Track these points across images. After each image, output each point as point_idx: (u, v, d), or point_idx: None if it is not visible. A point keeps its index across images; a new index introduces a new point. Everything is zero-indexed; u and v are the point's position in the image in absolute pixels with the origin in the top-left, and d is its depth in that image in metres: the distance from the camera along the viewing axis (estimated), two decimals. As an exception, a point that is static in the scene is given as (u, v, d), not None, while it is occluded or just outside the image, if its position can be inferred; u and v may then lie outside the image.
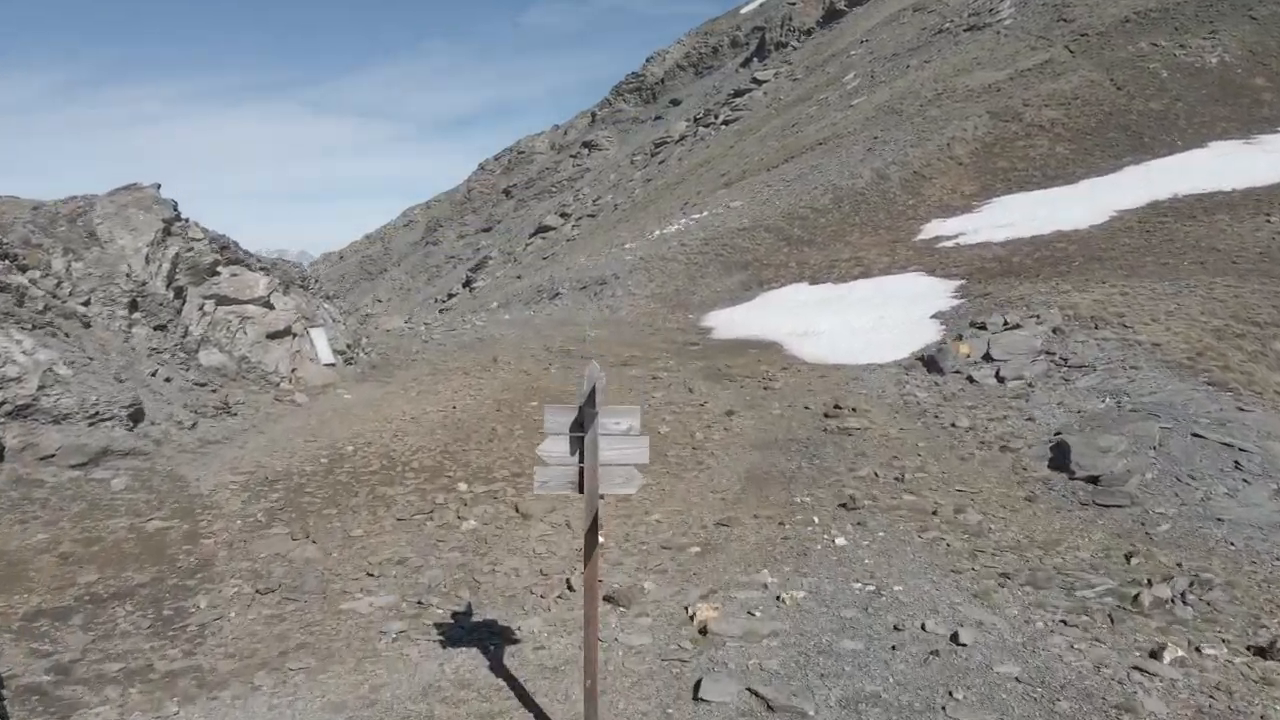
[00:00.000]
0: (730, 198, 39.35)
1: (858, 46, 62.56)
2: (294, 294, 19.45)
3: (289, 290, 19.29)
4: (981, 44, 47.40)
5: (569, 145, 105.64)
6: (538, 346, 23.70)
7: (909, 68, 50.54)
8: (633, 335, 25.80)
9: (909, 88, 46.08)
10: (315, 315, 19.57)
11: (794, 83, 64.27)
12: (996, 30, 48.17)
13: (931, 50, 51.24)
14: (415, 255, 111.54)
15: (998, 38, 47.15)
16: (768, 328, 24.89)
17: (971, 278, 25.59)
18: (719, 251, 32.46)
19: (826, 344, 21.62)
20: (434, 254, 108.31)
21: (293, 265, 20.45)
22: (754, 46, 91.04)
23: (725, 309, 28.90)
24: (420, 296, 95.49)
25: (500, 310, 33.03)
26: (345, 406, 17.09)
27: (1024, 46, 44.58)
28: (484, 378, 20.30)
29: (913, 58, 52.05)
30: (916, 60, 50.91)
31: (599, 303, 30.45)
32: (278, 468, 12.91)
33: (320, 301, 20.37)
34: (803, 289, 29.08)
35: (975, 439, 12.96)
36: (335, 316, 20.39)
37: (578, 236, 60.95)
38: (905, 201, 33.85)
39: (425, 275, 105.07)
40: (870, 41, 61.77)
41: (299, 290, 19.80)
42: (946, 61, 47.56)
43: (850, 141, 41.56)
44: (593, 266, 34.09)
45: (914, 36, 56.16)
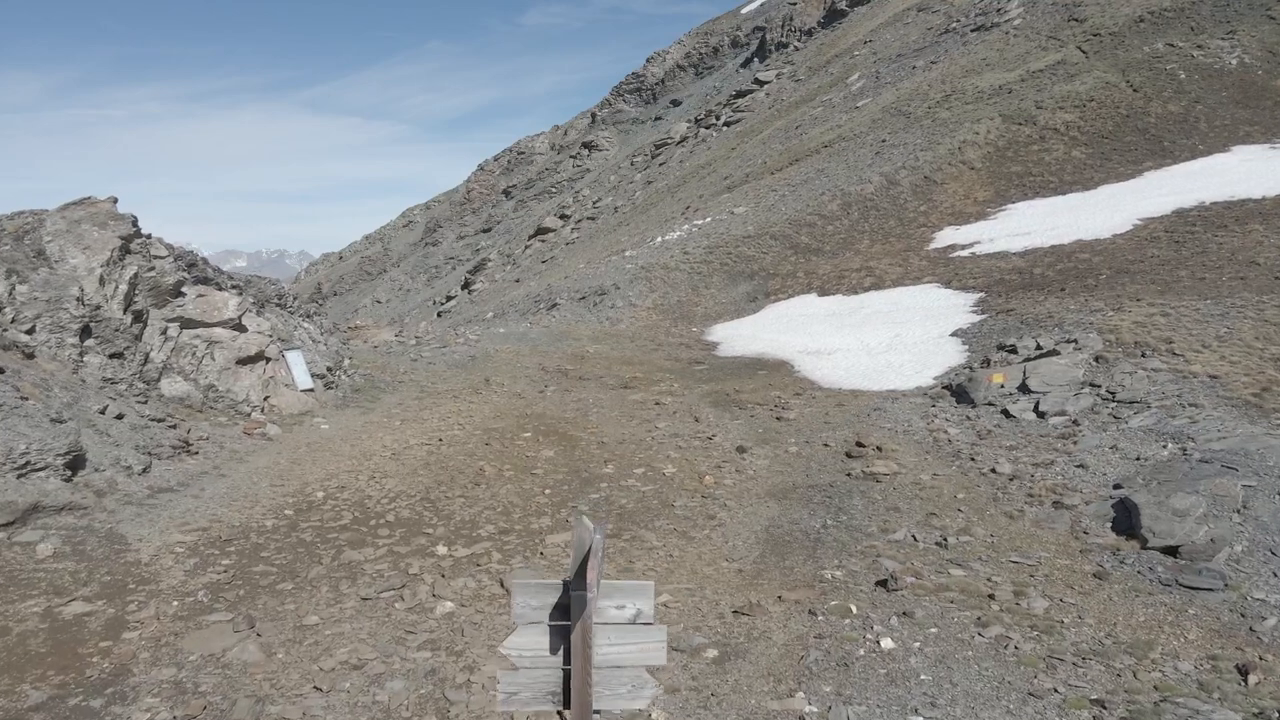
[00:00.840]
0: (734, 203, 37.66)
1: (861, 47, 60.85)
2: (269, 314, 17.77)
3: (263, 310, 17.61)
4: (990, 44, 45.70)
5: (569, 146, 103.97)
6: (533, 365, 22.04)
7: (915, 69, 48.84)
8: (634, 351, 24.16)
9: (916, 89, 44.38)
10: (292, 337, 17.89)
11: (796, 83, 62.56)
12: (1005, 30, 46.45)
13: (938, 51, 49.53)
14: (415, 256, 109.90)
15: (1006, 38, 45.44)
16: (777, 345, 23.24)
17: (990, 291, 23.95)
18: (723, 260, 30.79)
19: (841, 365, 19.95)
20: (433, 255, 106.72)
21: (268, 282, 18.75)
22: (754, 47, 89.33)
23: (731, 322, 27.25)
24: (419, 298, 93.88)
25: (495, 321, 31.36)
26: (321, 440, 15.42)
27: (1034, 47, 42.87)
28: (474, 402, 18.65)
29: (919, 58, 50.34)
30: (923, 61, 49.21)
31: (598, 314, 28.78)
32: (235, 522, 11.24)
33: (299, 321, 18.69)
34: (812, 301, 27.43)
35: (1021, 490, 11.30)
36: (315, 337, 18.71)
37: (577, 240, 59.26)
38: (916, 208, 32.18)
39: (425, 276, 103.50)
40: (874, 42, 60.05)
41: (275, 310, 18.11)
42: (954, 62, 45.86)
43: (857, 144, 39.88)
44: (592, 275, 32.42)
45: (919, 37, 54.44)
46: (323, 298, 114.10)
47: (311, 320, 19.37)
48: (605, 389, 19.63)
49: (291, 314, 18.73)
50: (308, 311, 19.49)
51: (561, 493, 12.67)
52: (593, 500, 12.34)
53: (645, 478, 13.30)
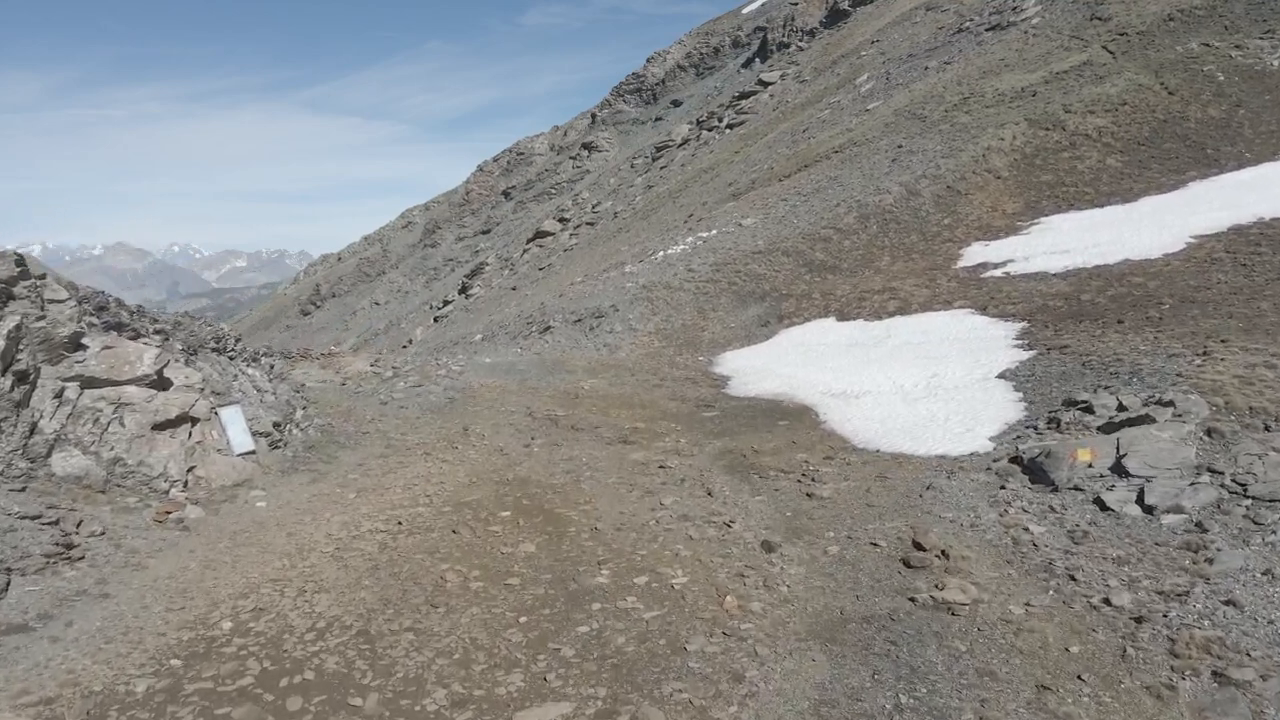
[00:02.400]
0: (741, 213, 34.43)
1: (868, 47, 57.54)
2: (203, 363, 14.59)
3: (194, 359, 14.43)
4: (1007, 44, 42.42)
5: (569, 146, 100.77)
6: (519, 408, 18.85)
7: (928, 69, 45.56)
8: (634, 387, 20.96)
9: (930, 91, 41.11)
10: (230, 389, 14.70)
11: (801, 84, 59.25)
12: (1023, 30, 43.17)
13: (951, 51, 46.25)
14: (414, 257, 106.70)
15: (1025, 37, 42.16)
16: (796, 382, 20.04)
17: (1035, 320, 20.77)
18: (731, 279, 27.57)
19: (874, 415, 16.74)
20: (432, 256, 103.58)
21: (203, 324, 15.49)
22: (756, 47, 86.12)
23: (741, 350, 24.06)
24: (418, 300, 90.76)
25: (483, 344, 28.18)
26: (252, 525, 12.25)
27: (1056, 47, 39.59)
28: (449, 461, 15.49)
29: (931, 59, 47.06)
30: (935, 62, 45.93)
31: (595, 340, 25.58)
32: (96, 685, 8.12)
33: (240, 368, 15.49)
34: (830, 327, 24.23)
35: (1159, 644, 8.14)
36: (260, 385, 15.52)
37: (575, 247, 56.04)
38: (940, 221, 28.96)
39: (423, 278, 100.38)
40: (882, 42, 56.74)
41: (210, 357, 14.92)
42: (970, 63, 42.58)
43: (871, 150, 36.63)
44: (589, 294, 29.21)
45: (930, 36, 51.14)
46: (321, 299, 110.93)
47: (257, 364, 16.17)
48: (601, 443, 16.44)
49: (232, 359, 15.53)
50: (254, 354, 16.29)
51: (540, 623, 9.49)
52: (581, 638, 9.17)
53: (649, 593, 10.12)
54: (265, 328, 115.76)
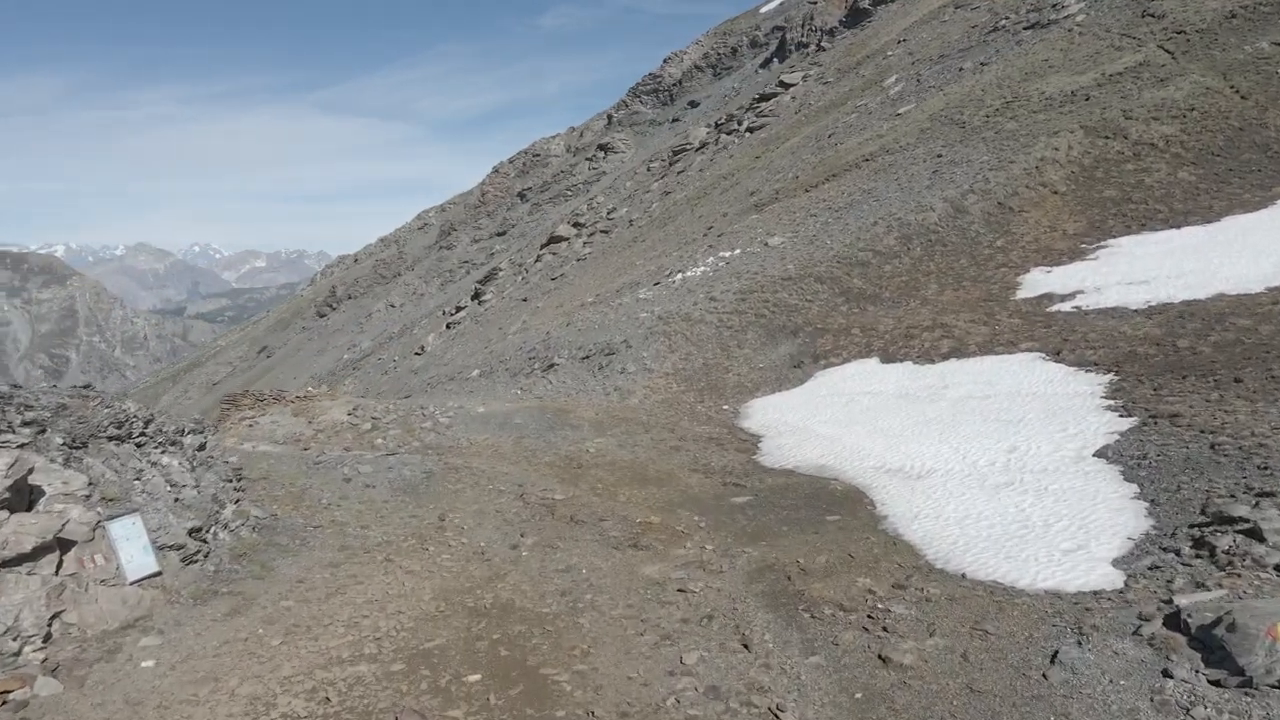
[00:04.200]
0: (767, 230, 30.61)
1: (895, 47, 53.44)
2: (92, 459, 11.01)
3: (80, 455, 10.85)
4: (1050, 44, 38.31)
5: (585, 148, 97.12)
6: (509, 486, 15.16)
7: (962, 71, 41.51)
8: (648, 451, 17.25)
9: (967, 94, 37.10)
10: (130, 491, 11.12)
11: (825, 86, 55.21)
12: (1066, 28, 39.04)
13: (987, 51, 42.16)
14: (429, 259, 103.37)
15: (1070, 36, 38.04)
16: (840, 449, 16.27)
17: (1123, 371, 16.92)
18: (759, 310, 23.78)
19: (948, 509, 12.95)
20: (447, 258, 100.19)
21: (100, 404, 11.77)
22: (774, 47, 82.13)
23: (772, 397, 20.31)
24: (432, 303, 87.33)
25: (481, 380, 24.54)
26: (124, 708, 8.69)
27: (1105, 46, 35.50)
28: (414, 573, 11.88)
29: (965, 59, 42.99)
30: (970, 63, 41.86)
31: (604, 382, 21.88)
32: None
33: (151, 457, 11.87)
34: (874, 370, 20.43)
35: None
36: (178, 478, 11.93)
37: (589, 256, 52.30)
38: (992, 242, 25.07)
39: (438, 280, 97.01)
40: (909, 41, 52.64)
41: (106, 449, 11.33)
42: (1009, 64, 38.51)
43: (907, 159, 32.71)
44: (599, 324, 25.47)
45: (962, 36, 47.03)
46: (337, 301, 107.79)
47: (177, 448, 12.54)
48: (606, 547, 12.74)
49: (140, 446, 11.91)
50: (172, 435, 12.66)
51: None
52: None
53: None
54: (282, 329, 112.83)
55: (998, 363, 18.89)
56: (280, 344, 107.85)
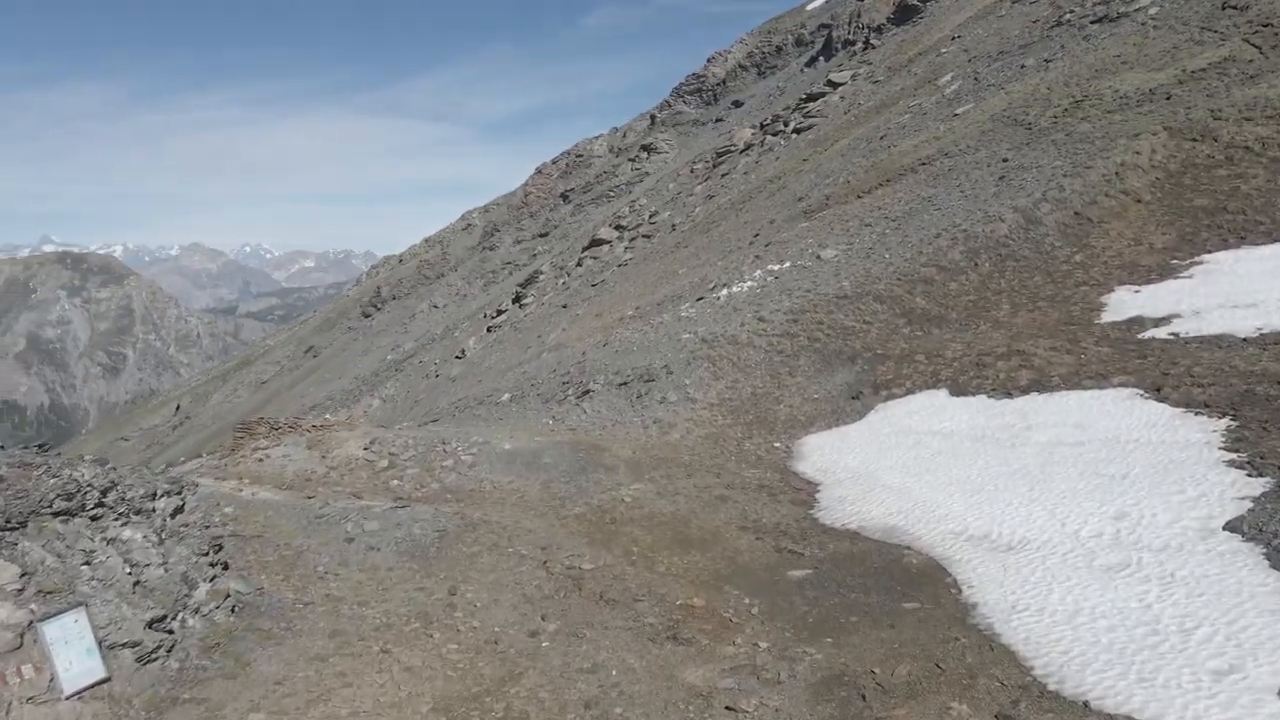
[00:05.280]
0: (818, 240, 28.19)
1: (949, 43, 50.48)
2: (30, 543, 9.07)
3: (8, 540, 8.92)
4: (1122, 38, 35.31)
5: (627, 148, 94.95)
6: (532, 550, 13.03)
7: (1024, 69, 38.59)
8: (690, 503, 15.04)
9: (1032, 93, 34.27)
10: (75, 580, 9.18)
11: (875, 85, 52.39)
12: (1139, 21, 35.98)
13: (1051, 47, 39.18)
14: (472, 260, 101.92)
15: (1143, 30, 35.00)
16: (912, 505, 13.92)
17: (1241, 414, 14.34)
18: (812, 333, 21.41)
19: (1053, 598, 10.55)
20: (490, 259, 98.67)
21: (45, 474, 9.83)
22: (819, 45, 79.13)
23: (828, 434, 17.97)
24: (475, 304, 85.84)
25: (512, 406, 22.45)
26: None
27: (1184, 40, 32.45)
28: (413, 670, 9.83)
29: (1026, 56, 40.04)
30: (1033, 59, 38.91)
31: (643, 413, 19.70)
32: None
33: (109, 532, 9.93)
34: (943, 404, 18.00)
35: None
36: (141, 555, 9.96)
37: (630, 262, 50.13)
38: (1069, 257, 22.45)
39: (481, 281, 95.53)
40: (964, 38, 49.64)
41: (49, 528, 9.39)
42: (1077, 60, 35.58)
43: (968, 163, 30.07)
44: (637, 344, 23.26)
45: (1022, 31, 44.01)
46: (382, 301, 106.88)
47: (144, 517, 10.57)
48: (640, 639, 10.56)
49: (96, 519, 9.97)
50: (143, 498, 10.70)
51: None
52: None
53: None
54: (329, 329, 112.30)
55: (1088, 400, 16.37)
56: (326, 344, 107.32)
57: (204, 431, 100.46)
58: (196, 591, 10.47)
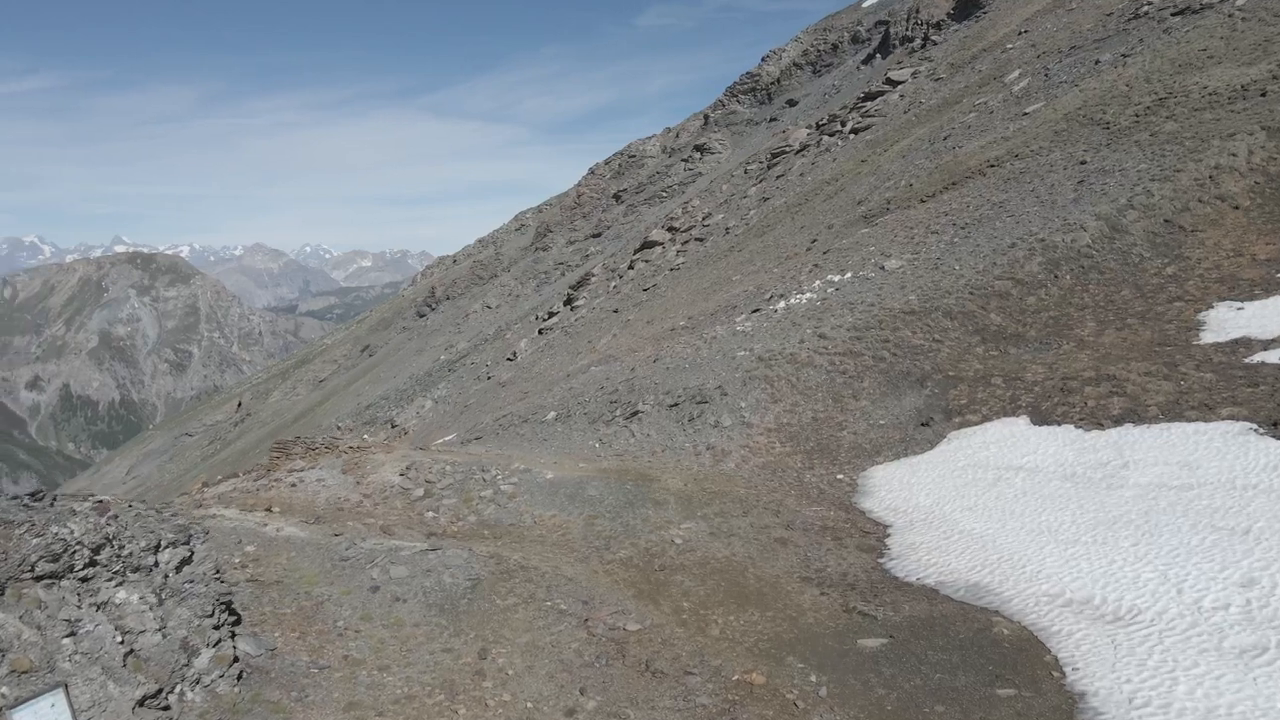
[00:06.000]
0: (880, 248, 26.39)
1: (1015, 39, 47.99)
2: (3, 613, 7.98)
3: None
4: (1208, 31, 32.79)
5: (680, 148, 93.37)
6: (572, 604, 11.65)
7: (1099, 64, 36.18)
8: (746, 547, 13.55)
9: (1109, 90, 31.97)
10: (56, 656, 8.05)
11: (936, 83, 50.08)
12: (1226, 13, 33.39)
13: (1129, 40, 36.71)
14: (525, 260, 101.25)
15: (1231, 22, 32.44)
16: (998, 559, 12.25)
17: (1379, 461, 12.42)
18: (878, 351, 19.72)
19: (1179, 690, 8.87)
20: (543, 260, 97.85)
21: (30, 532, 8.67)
22: (876, 42, 76.66)
23: (897, 466, 16.32)
24: (528, 305, 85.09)
25: (557, 425, 21.12)
26: None
27: (1277, 34, 29.94)
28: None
29: (1101, 51, 37.61)
30: (1109, 54, 36.48)
31: (695, 437, 18.23)
32: None
33: (100, 593, 8.78)
34: (1022, 434, 16.23)
35: None
36: (135, 621, 8.82)
37: (682, 266, 48.58)
38: (1160, 269, 20.43)
39: (534, 282, 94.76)
40: (1032, 32, 47.13)
41: (29, 594, 8.27)
42: (1158, 55, 33.15)
43: (1041, 166, 27.99)
44: (690, 361, 21.75)
45: (1095, 25, 41.48)
46: (436, 301, 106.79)
47: (143, 575, 9.42)
48: (692, 728, 9.15)
49: (86, 581, 8.84)
50: (145, 551, 9.58)
51: None
52: None
53: None
54: (384, 328, 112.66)
55: (1193, 435, 14.51)
56: (382, 343, 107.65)
57: (264, 428, 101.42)
58: (198, 659, 9.29)
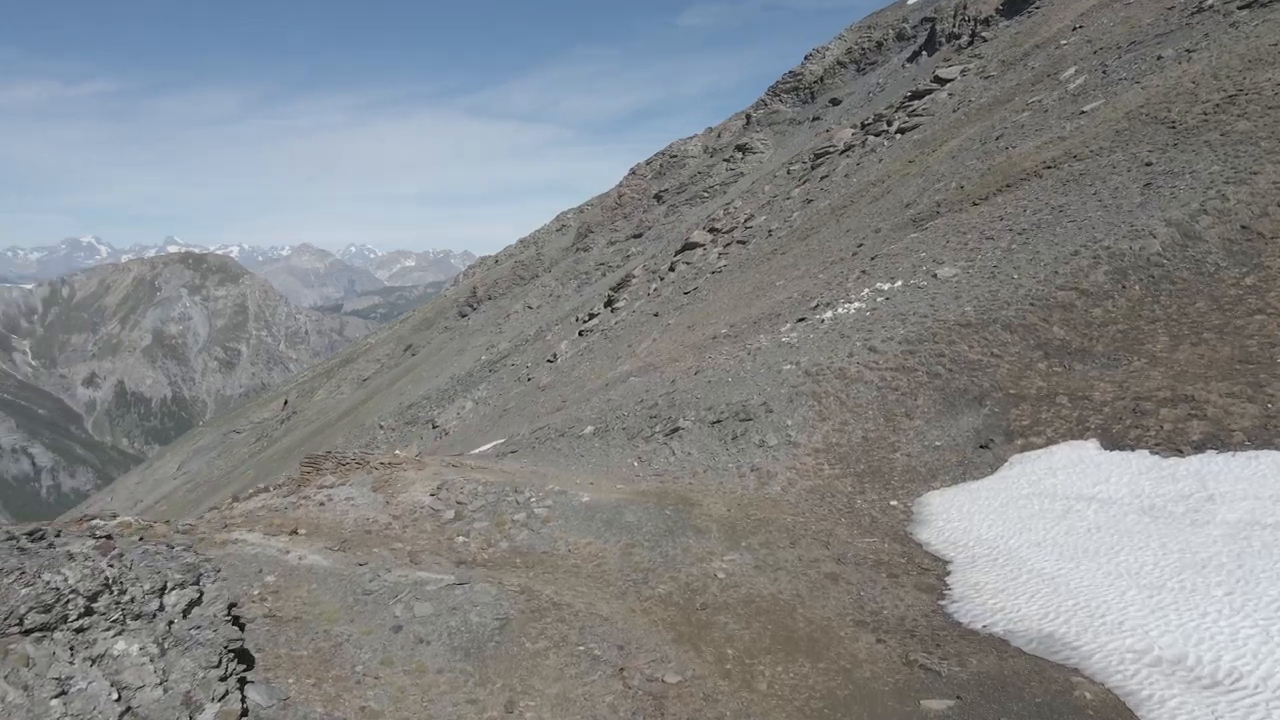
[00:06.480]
0: (933, 255, 25.11)
1: (1070, 34, 46.14)
2: (-18, 673, 7.27)
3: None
4: (1278, 24, 30.97)
5: (722, 148, 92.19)
6: (607, 649, 10.73)
7: (1161, 60, 34.43)
8: (794, 580, 12.52)
9: (1173, 88, 30.28)
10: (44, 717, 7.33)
11: (987, 81, 48.36)
12: (1299, 4, 31.54)
13: (1193, 35, 34.89)
14: (566, 261, 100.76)
15: (1305, 14, 30.60)
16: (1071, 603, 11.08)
17: None
18: (932, 367, 18.52)
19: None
20: (584, 260, 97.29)
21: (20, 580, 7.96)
22: (922, 40, 74.73)
23: (955, 494, 15.16)
24: (569, 305, 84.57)
25: (594, 439, 20.22)
26: None
27: (1356, 25, 28.08)
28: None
29: (1163, 46, 35.81)
30: (1172, 50, 34.70)
31: (738, 457, 17.21)
32: None
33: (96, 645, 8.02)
34: (1093, 459, 14.98)
35: None
36: (133, 676, 8.01)
37: (724, 270, 47.49)
38: (1239, 279, 18.97)
39: (575, 282, 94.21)
40: (1088, 28, 45.27)
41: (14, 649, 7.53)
42: (1226, 50, 31.36)
43: (1102, 167, 26.49)
44: (732, 374, 20.69)
45: (1156, 19, 39.60)
46: (477, 301, 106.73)
47: (145, 622, 8.69)
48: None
49: (81, 632, 8.11)
50: (149, 594, 8.85)
51: None
52: None
53: None
54: (426, 328, 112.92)
55: None
56: (424, 342, 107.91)
57: (309, 426, 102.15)
58: (202, 716, 8.53)
